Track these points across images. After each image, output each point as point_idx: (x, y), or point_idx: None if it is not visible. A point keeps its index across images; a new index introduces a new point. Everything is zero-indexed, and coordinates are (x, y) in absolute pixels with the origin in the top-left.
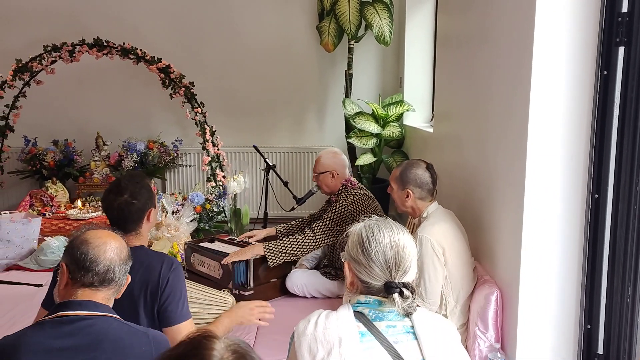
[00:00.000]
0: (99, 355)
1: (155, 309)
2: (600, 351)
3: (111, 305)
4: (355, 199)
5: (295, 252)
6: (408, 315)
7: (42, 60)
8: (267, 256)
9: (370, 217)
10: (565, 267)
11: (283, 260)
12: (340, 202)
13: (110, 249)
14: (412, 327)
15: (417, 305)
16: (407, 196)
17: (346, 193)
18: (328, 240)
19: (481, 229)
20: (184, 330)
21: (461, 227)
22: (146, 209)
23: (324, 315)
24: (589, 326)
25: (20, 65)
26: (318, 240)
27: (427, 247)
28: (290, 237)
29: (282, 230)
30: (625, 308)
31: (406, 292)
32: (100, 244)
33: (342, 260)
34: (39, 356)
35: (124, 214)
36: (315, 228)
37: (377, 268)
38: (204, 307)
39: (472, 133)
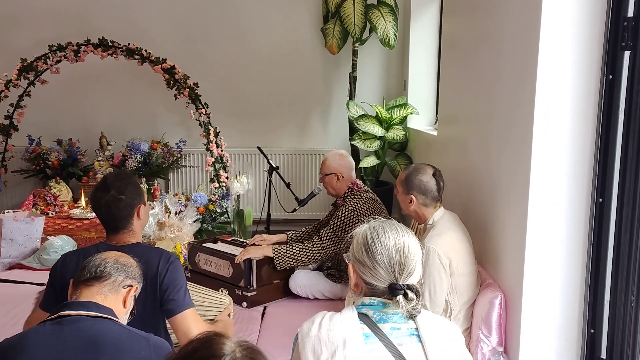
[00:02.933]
0: (99, 357)
1: (157, 301)
2: (603, 356)
3: (125, 316)
4: (361, 203)
5: (303, 259)
6: (412, 317)
7: (47, 59)
8: (275, 259)
9: (375, 218)
10: (569, 271)
11: (290, 266)
12: (347, 206)
13: (109, 253)
14: (417, 329)
15: (422, 308)
16: (411, 202)
17: (352, 197)
18: (336, 247)
19: (485, 232)
20: (189, 317)
21: (466, 231)
22: (135, 205)
23: (328, 317)
24: (592, 330)
25: (25, 64)
26: (325, 248)
27: (434, 259)
28: (300, 244)
29: (292, 237)
30: (629, 312)
31: (410, 294)
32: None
33: (347, 261)
34: (42, 357)
35: (112, 210)
36: (323, 236)
37: (381, 270)
38: (200, 309)
39: (476, 136)
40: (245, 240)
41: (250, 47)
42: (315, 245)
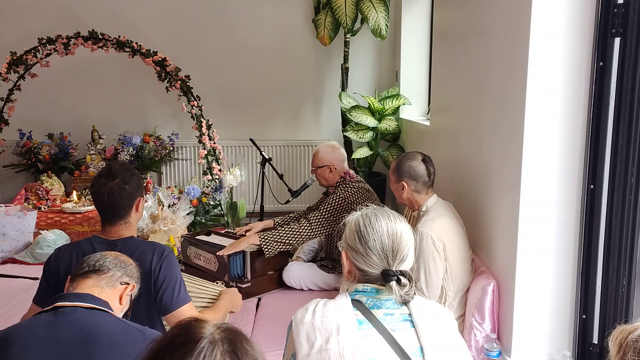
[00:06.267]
0: (93, 349)
1: (151, 297)
2: (595, 341)
3: (120, 313)
4: (352, 191)
5: (291, 242)
6: (405, 303)
7: (37, 53)
8: (262, 246)
9: (367, 206)
10: (561, 257)
11: (279, 250)
12: (338, 194)
13: (108, 252)
14: (410, 315)
15: (415, 294)
16: (403, 189)
17: (344, 185)
18: (324, 230)
19: (478, 221)
20: (185, 314)
21: (460, 219)
22: (136, 197)
23: (322, 304)
24: (584, 316)
25: (14, 58)
26: (314, 229)
27: (427, 243)
28: (285, 226)
29: (280, 222)
30: (620, 298)
31: (403, 280)
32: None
33: (340, 249)
34: (34, 348)
35: (115, 198)
36: (312, 218)
37: (374, 256)
38: (196, 300)
39: (468, 126)
40: (237, 233)
41: (242, 39)
42: (302, 227)
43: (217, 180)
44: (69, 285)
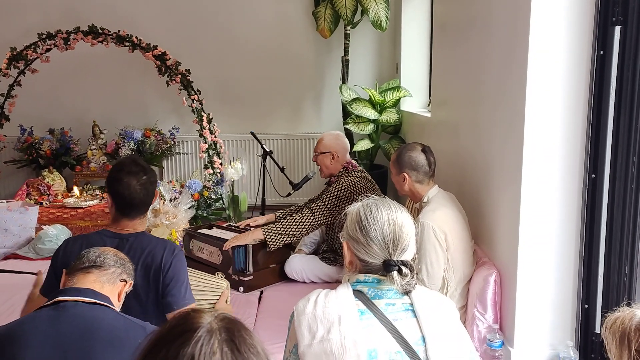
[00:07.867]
0: (94, 344)
1: (158, 294)
2: (598, 330)
3: (117, 307)
4: (355, 180)
5: (295, 232)
6: (407, 293)
7: (37, 48)
8: (266, 239)
9: (368, 196)
10: (563, 247)
11: (283, 242)
12: (340, 183)
13: (107, 248)
14: (411, 304)
15: (416, 284)
16: (404, 180)
17: (346, 175)
18: (326, 219)
19: (479, 212)
20: None
21: (462, 210)
22: (155, 193)
23: (324, 294)
24: (586, 305)
25: (14, 53)
26: (317, 219)
27: (428, 234)
28: (288, 218)
29: (281, 215)
30: (623, 287)
31: (405, 269)
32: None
33: (341, 239)
34: (36, 342)
35: (145, 192)
36: (314, 208)
37: (375, 246)
38: (198, 293)
39: (469, 117)
40: (239, 226)
41: (242, 32)
42: (305, 216)
43: (218, 174)
44: (67, 279)
